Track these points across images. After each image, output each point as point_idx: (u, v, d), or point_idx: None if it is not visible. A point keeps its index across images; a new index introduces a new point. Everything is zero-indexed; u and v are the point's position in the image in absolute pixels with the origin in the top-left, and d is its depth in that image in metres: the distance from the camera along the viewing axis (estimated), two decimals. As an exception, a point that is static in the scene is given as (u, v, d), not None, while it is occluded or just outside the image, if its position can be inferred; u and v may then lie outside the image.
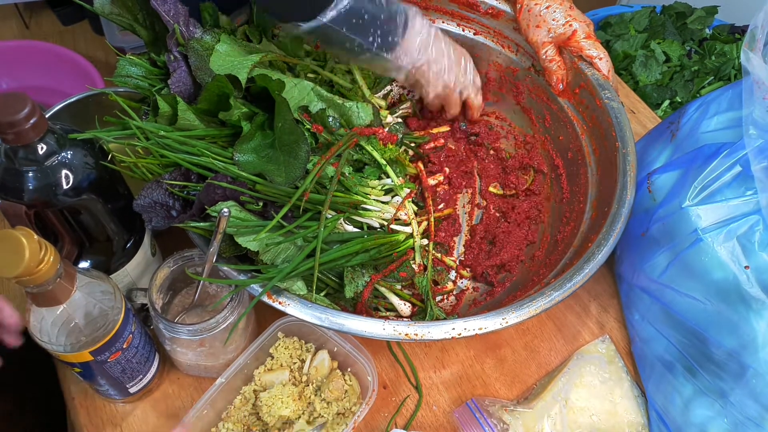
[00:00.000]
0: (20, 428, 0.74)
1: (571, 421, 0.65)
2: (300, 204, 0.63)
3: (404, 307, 0.68)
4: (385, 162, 0.72)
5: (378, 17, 0.66)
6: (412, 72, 0.74)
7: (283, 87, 0.62)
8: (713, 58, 1.33)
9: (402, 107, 0.85)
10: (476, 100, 0.83)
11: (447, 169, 0.82)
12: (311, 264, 0.59)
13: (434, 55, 0.73)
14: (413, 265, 0.70)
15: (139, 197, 0.59)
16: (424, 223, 0.74)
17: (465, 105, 0.84)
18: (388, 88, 0.86)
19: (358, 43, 0.66)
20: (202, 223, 0.59)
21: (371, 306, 0.68)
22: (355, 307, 0.65)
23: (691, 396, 0.62)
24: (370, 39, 0.67)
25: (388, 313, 0.69)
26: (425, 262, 0.71)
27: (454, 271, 0.75)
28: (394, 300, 0.68)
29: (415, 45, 0.71)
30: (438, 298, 0.73)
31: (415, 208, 0.75)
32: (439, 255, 0.76)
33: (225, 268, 0.59)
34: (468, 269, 0.76)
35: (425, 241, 0.73)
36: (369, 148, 0.71)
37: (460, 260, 0.77)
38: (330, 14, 0.63)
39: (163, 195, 0.61)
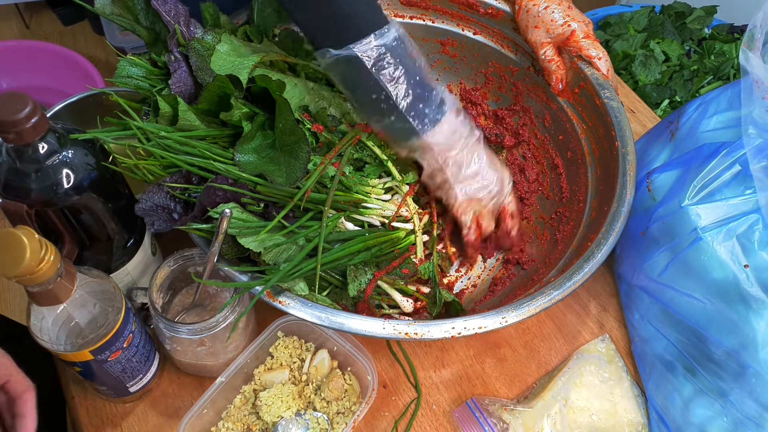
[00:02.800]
0: (21, 428, 0.74)
1: (570, 420, 0.66)
2: (301, 204, 0.63)
3: (407, 304, 0.68)
4: (386, 158, 0.72)
5: (414, 77, 0.60)
6: (439, 165, 0.66)
7: (283, 87, 0.62)
8: (712, 57, 1.33)
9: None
10: (511, 214, 0.73)
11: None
12: (313, 264, 0.60)
13: (469, 157, 0.66)
14: (414, 260, 0.71)
15: (141, 201, 0.59)
16: (425, 218, 0.74)
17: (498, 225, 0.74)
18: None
19: (386, 95, 0.60)
20: (203, 225, 0.59)
21: (374, 303, 0.68)
22: (356, 306, 0.66)
23: (691, 395, 0.62)
24: (404, 95, 0.60)
25: (391, 311, 0.69)
26: (430, 248, 0.71)
27: (457, 262, 0.76)
28: (397, 296, 0.68)
29: (449, 134, 0.64)
30: (428, 289, 0.73)
31: (416, 206, 0.75)
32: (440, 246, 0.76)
33: (226, 268, 0.59)
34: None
35: (426, 237, 0.74)
36: (370, 143, 0.71)
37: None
38: (363, 47, 0.58)
39: (165, 198, 0.61)
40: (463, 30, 0.85)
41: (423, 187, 0.79)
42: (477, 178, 0.68)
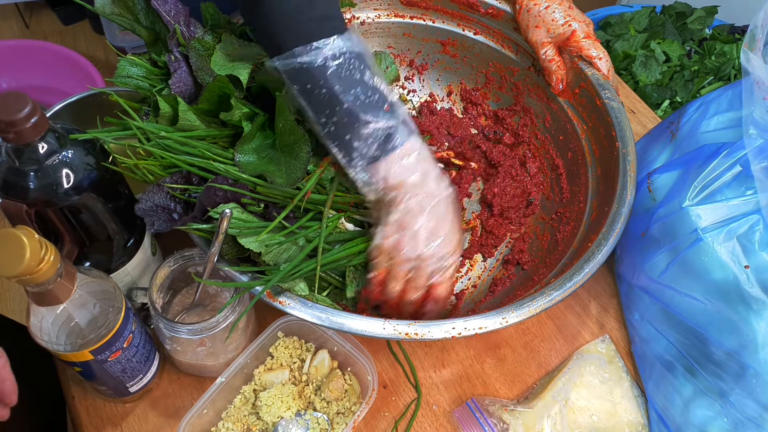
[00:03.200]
0: (20, 428, 0.74)
1: (571, 420, 0.65)
2: (301, 204, 0.63)
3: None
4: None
5: (342, 102, 0.54)
6: (386, 204, 0.59)
7: (284, 86, 0.62)
8: (713, 58, 1.33)
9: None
10: (442, 289, 0.62)
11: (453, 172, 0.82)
12: (313, 264, 0.60)
13: (417, 209, 0.58)
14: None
15: (141, 201, 0.59)
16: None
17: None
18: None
19: (322, 119, 0.55)
20: (203, 225, 0.59)
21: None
22: (356, 306, 0.66)
23: (691, 396, 0.62)
24: (323, 122, 0.54)
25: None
26: None
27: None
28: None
29: (397, 172, 0.57)
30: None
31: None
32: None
33: (226, 268, 0.59)
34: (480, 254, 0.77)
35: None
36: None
37: (463, 250, 0.77)
38: (284, 61, 0.53)
39: (165, 198, 0.61)
40: (463, 30, 0.85)
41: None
42: (410, 233, 0.58)
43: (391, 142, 0.57)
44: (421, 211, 0.58)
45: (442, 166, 0.84)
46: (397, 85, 0.88)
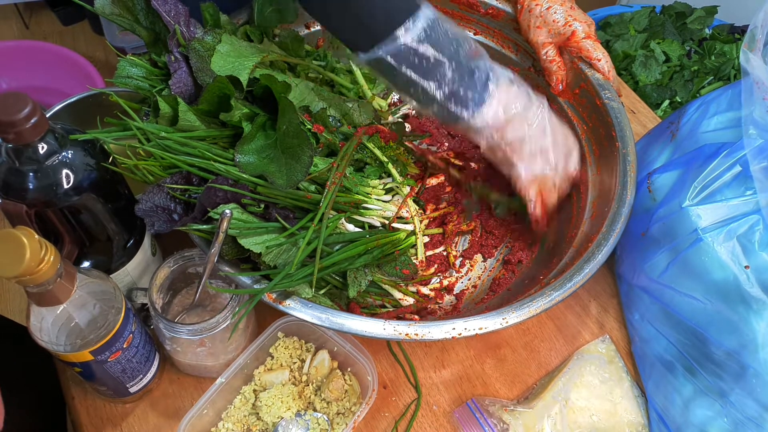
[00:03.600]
0: (20, 428, 0.74)
1: (571, 420, 0.65)
2: (302, 205, 0.63)
3: (408, 303, 0.68)
4: (387, 160, 0.72)
5: (451, 63, 0.58)
6: (497, 142, 0.64)
7: (288, 89, 0.62)
8: (713, 58, 1.33)
9: (403, 107, 0.86)
10: (575, 173, 0.71)
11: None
12: (311, 269, 0.59)
13: (531, 131, 0.64)
14: (415, 261, 0.71)
15: (141, 201, 0.59)
16: (426, 220, 0.74)
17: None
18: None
19: (422, 88, 0.59)
20: (203, 226, 0.59)
21: (377, 304, 0.69)
22: (348, 305, 0.66)
23: (691, 396, 0.62)
24: (437, 86, 0.58)
25: (394, 310, 0.69)
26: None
27: (459, 260, 0.76)
28: (398, 296, 0.68)
29: (501, 110, 0.62)
30: (428, 290, 0.73)
31: (417, 207, 0.75)
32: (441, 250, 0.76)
33: (226, 268, 0.59)
34: (480, 255, 0.78)
35: (427, 239, 0.74)
36: (371, 146, 0.71)
37: (463, 251, 0.78)
38: (388, 47, 0.56)
39: (165, 199, 0.61)
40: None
41: (424, 189, 0.79)
42: (540, 154, 0.66)
43: (490, 82, 0.62)
44: (543, 132, 0.65)
45: (441, 165, 0.84)
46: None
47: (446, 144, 0.87)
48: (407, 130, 0.84)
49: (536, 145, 0.65)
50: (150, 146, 0.61)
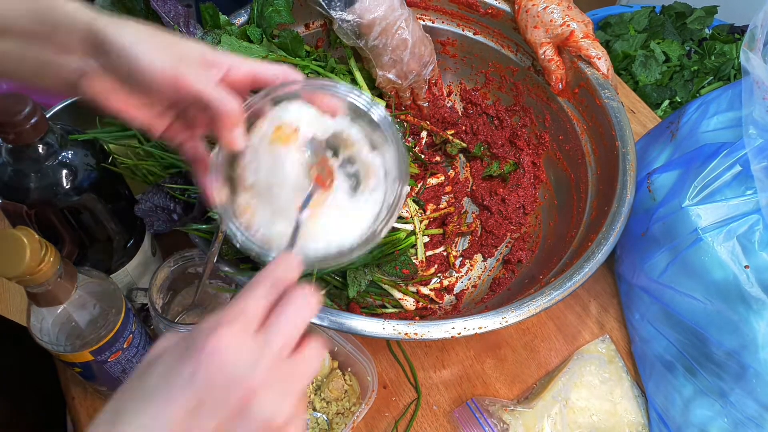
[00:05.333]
0: (20, 428, 0.74)
1: (571, 420, 0.65)
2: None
3: (407, 303, 0.68)
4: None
5: None
6: (365, 44, 0.72)
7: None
8: (713, 58, 1.33)
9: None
10: (421, 95, 0.83)
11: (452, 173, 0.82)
12: (310, 270, 0.59)
13: (393, 43, 0.73)
14: (415, 262, 0.71)
15: (141, 202, 0.59)
16: (426, 220, 0.74)
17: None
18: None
19: None
20: (203, 226, 0.59)
21: (377, 304, 0.69)
22: (348, 305, 0.66)
23: (691, 396, 0.62)
24: None
25: (394, 310, 0.69)
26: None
27: (459, 260, 0.76)
28: (398, 295, 0.68)
29: (366, 12, 0.69)
30: (428, 291, 0.73)
31: (416, 207, 0.75)
32: (442, 250, 0.76)
33: (226, 268, 0.59)
34: (480, 255, 0.78)
35: (426, 239, 0.74)
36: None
37: (463, 250, 0.78)
38: None
39: (164, 199, 0.61)
40: (463, 30, 0.85)
41: (425, 189, 0.79)
42: (396, 65, 0.76)
43: None
44: (404, 44, 0.74)
45: (438, 159, 0.85)
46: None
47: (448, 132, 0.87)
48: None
49: (395, 56, 0.74)
50: (150, 146, 0.61)
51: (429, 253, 0.76)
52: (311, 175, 0.42)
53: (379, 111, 0.44)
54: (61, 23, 0.37)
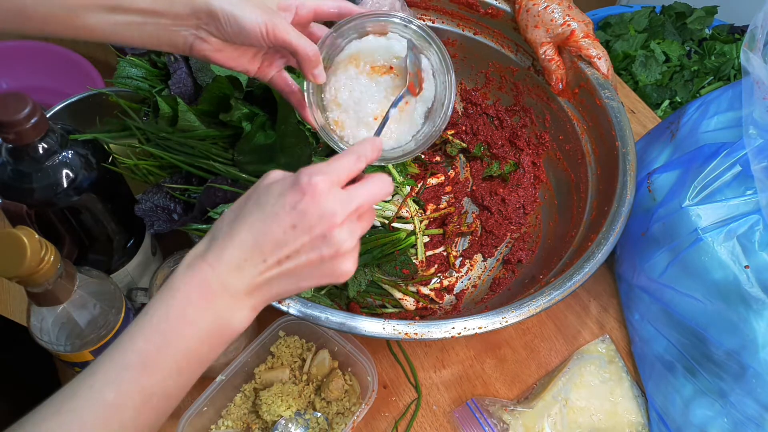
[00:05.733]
0: (20, 428, 0.74)
1: (571, 420, 0.65)
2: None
3: (408, 303, 0.68)
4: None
5: None
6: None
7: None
8: (713, 58, 1.33)
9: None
10: None
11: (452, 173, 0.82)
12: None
13: None
14: (415, 261, 0.71)
15: (141, 201, 0.59)
16: (426, 220, 0.74)
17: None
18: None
19: None
20: (203, 226, 0.59)
21: (377, 303, 0.69)
22: (348, 305, 0.66)
23: (691, 396, 0.62)
24: None
25: (394, 310, 0.69)
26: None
27: (458, 260, 0.76)
28: (398, 295, 0.68)
29: None
30: (428, 290, 0.73)
31: (417, 207, 0.75)
32: (442, 250, 0.76)
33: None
34: (480, 255, 0.78)
35: (427, 239, 0.74)
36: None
37: (463, 250, 0.78)
38: None
39: (164, 199, 0.61)
40: (463, 30, 0.85)
41: (425, 189, 0.79)
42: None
43: None
44: None
45: (438, 159, 0.85)
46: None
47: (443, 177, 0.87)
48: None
49: None
50: (150, 146, 0.61)
51: (429, 253, 0.76)
52: (407, 81, 0.53)
53: (418, 22, 0.55)
54: (176, 1, 0.47)
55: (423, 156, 0.84)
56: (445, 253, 0.77)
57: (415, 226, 0.72)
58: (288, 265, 0.39)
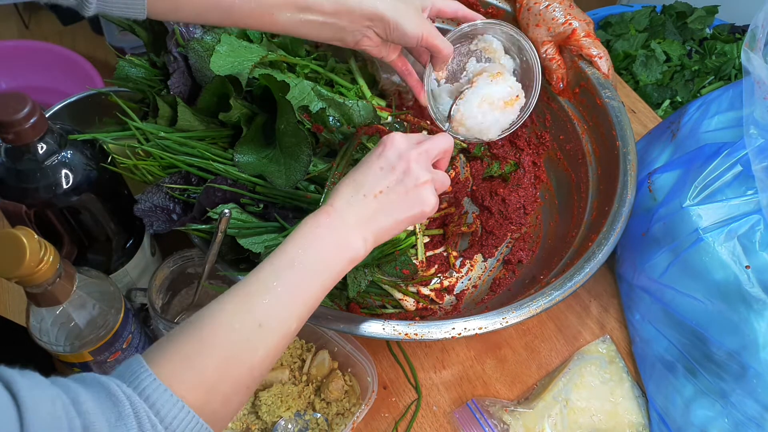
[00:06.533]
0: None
1: (571, 421, 0.65)
2: (301, 205, 0.63)
3: (408, 303, 0.68)
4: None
5: None
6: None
7: (287, 89, 0.62)
8: (713, 57, 1.33)
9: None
10: None
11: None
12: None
13: None
14: (415, 262, 0.70)
15: (140, 201, 0.59)
16: (426, 221, 0.74)
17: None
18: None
19: None
20: (203, 226, 0.58)
21: (377, 304, 0.68)
22: (348, 306, 0.65)
23: (691, 396, 0.62)
24: None
25: (394, 310, 0.69)
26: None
27: (458, 261, 0.76)
28: (398, 296, 0.68)
29: None
30: (429, 291, 0.73)
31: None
32: (442, 250, 0.76)
33: (226, 268, 0.58)
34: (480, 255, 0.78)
35: (427, 239, 0.73)
36: (371, 146, 0.71)
37: (463, 251, 0.77)
38: None
39: (164, 199, 0.61)
40: (463, 30, 0.85)
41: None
42: None
43: None
44: None
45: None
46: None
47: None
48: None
49: None
50: (149, 146, 0.61)
51: (429, 253, 0.76)
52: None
53: (514, 29, 0.68)
54: (354, 7, 0.57)
55: None
56: (445, 254, 0.77)
57: (415, 227, 0.72)
58: (382, 199, 0.50)
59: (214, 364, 0.39)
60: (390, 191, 0.50)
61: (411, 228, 0.72)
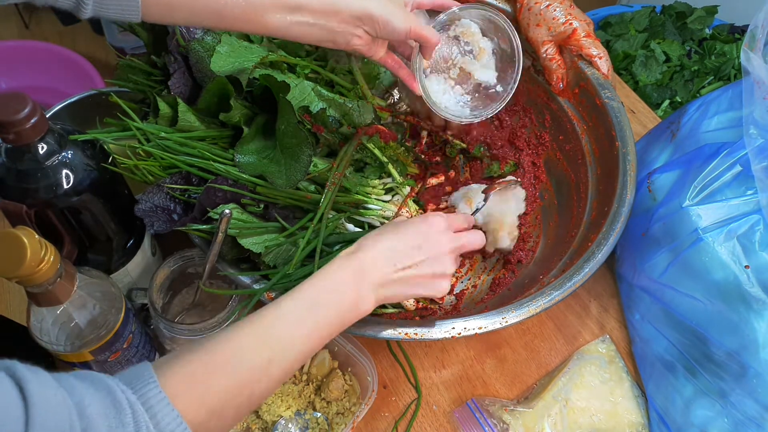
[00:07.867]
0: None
1: (571, 421, 0.65)
2: (302, 206, 0.63)
3: (407, 303, 0.68)
4: (386, 160, 0.72)
5: None
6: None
7: (287, 90, 0.62)
8: (713, 57, 1.33)
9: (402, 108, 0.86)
10: None
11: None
12: (311, 269, 0.59)
13: None
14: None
15: (141, 202, 0.59)
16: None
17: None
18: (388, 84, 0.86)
19: None
20: (203, 226, 0.59)
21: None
22: None
23: (691, 396, 0.62)
24: None
25: (393, 310, 0.69)
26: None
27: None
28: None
29: None
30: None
31: (417, 207, 0.75)
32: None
33: (226, 268, 0.59)
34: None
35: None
36: (371, 146, 0.71)
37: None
38: None
39: (164, 199, 0.61)
40: (463, 30, 0.85)
41: (425, 189, 0.79)
42: None
43: None
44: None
45: (438, 160, 0.84)
46: (393, 91, 0.88)
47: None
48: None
49: None
50: (149, 146, 0.61)
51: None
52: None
53: (499, 15, 0.67)
54: (343, 7, 0.57)
55: (423, 156, 0.84)
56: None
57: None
58: (408, 273, 0.52)
59: (220, 389, 0.41)
60: (416, 268, 0.52)
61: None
